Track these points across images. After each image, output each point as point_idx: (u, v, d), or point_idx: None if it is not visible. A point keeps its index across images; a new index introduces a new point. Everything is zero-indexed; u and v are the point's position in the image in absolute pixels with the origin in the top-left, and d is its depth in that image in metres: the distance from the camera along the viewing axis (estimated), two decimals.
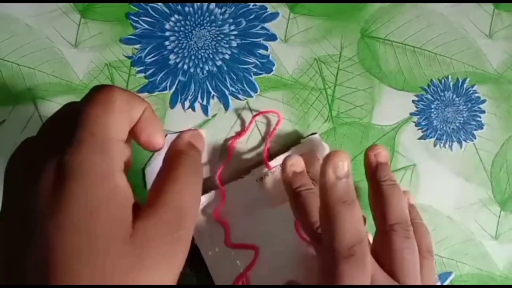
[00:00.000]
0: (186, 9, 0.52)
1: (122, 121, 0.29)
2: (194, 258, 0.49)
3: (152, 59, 0.52)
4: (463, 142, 0.53)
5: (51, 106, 0.51)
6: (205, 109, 0.52)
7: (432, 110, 0.52)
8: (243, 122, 0.52)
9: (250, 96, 0.52)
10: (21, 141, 0.51)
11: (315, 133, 0.51)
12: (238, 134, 0.51)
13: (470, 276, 0.51)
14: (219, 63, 0.52)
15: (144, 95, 0.52)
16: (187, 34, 0.52)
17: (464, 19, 0.53)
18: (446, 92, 0.53)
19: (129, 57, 0.52)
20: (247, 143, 0.52)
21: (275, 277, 0.49)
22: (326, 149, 0.51)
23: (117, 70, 0.52)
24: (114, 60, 0.52)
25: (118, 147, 0.29)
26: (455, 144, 0.53)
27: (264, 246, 0.49)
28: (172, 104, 0.52)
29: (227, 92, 0.52)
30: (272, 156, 0.50)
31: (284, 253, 0.49)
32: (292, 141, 0.51)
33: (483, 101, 0.53)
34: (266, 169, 0.50)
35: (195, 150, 0.33)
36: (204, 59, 0.52)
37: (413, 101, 0.53)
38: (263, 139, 0.51)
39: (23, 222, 0.26)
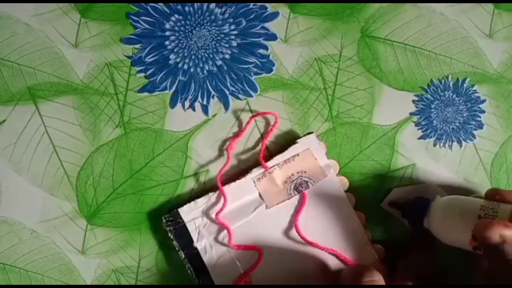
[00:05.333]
0: (186, 8, 0.52)
1: None
2: (195, 259, 0.49)
3: (152, 58, 0.52)
4: (463, 142, 0.53)
5: (51, 106, 0.51)
6: (205, 109, 0.52)
7: (432, 110, 0.53)
8: (243, 122, 0.52)
9: (250, 96, 0.52)
10: (21, 141, 0.52)
11: (312, 133, 0.51)
12: (236, 135, 0.52)
13: None
14: (219, 62, 0.52)
15: (144, 94, 0.52)
16: (187, 34, 0.52)
17: (464, 19, 0.53)
18: (446, 92, 0.53)
19: (129, 57, 0.52)
20: (246, 143, 0.52)
21: (275, 276, 0.49)
22: (322, 148, 0.51)
23: (117, 70, 0.52)
24: (114, 60, 0.52)
25: None
26: (455, 144, 0.53)
27: (264, 246, 0.50)
28: (173, 104, 0.52)
29: (227, 92, 0.52)
30: (270, 156, 0.51)
31: (284, 252, 0.50)
32: (289, 141, 0.51)
33: (483, 101, 0.53)
34: (263, 169, 0.50)
35: None
36: (204, 59, 0.52)
37: (413, 101, 0.53)
38: (262, 139, 0.52)
39: None
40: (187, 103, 0.52)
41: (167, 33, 0.52)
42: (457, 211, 0.44)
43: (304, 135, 0.51)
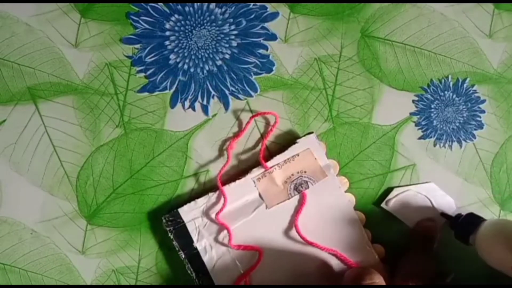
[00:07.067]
0: (186, 8, 0.52)
1: None
2: (195, 260, 0.49)
3: (152, 58, 0.52)
4: (463, 142, 0.53)
5: (51, 106, 0.51)
6: (205, 109, 0.52)
7: (432, 110, 0.52)
8: (243, 122, 0.52)
9: (250, 96, 0.52)
10: (21, 141, 0.52)
11: (312, 133, 0.51)
12: (237, 135, 0.52)
13: None
14: (219, 62, 0.52)
15: (144, 94, 0.52)
16: (187, 34, 0.52)
17: (464, 19, 0.53)
18: (446, 92, 0.53)
19: (129, 57, 0.52)
20: (246, 143, 0.52)
21: (275, 276, 0.49)
22: (322, 148, 0.51)
23: (117, 70, 0.52)
24: (114, 59, 0.52)
25: None
26: (455, 144, 0.53)
27: (264, 246, 0.50)
28: (173, 104, 0.52)
29: (227, 92, 0.52)
30: (270, 156, 0.51)
31: (284, 253, 0.50)
32: (289, 141, 0.51)
33: (483, 101, 0.53)
34: (263, 169, 0.50)
35: None
36: (204, 59, 0.52)
37: (413, 101, 0.53)
38: (262, 139, 0.52)
39: None
40: (187, 103, 0.52)
41: (167, 33, 0.52)
42: (504, 235, 0.44)
43: (304, 135, 0.51)
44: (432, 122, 0.52)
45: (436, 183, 0.52)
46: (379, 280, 0.44)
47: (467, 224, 0.48)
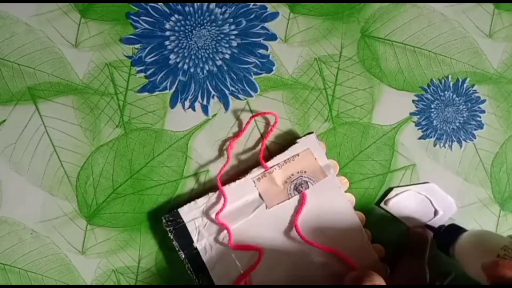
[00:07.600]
0: (186, 8, 0.52)
1: None
2: (195, 260, 0.49)
3: (152, 58, 0.52)
4: (463, 142, 0.53)
5: (51, 106, 0.51)
6: (205, 109, 0.52)
7: (432, 110, 0.53)
8: (242, 122, 0.52)
9: (250, 96, 0.52)
10: (21, 141, 0.52)
11: (312, 133, 0.51)
12: (236, 135, 0.52)
13: None
14: (219, 62, 0.52)
15: (144, 94, 0.52)
16: (187, 34, 0.52)
17: (464, 19, 0.53)
18: (446, 92, 0.53)
19: (129, 57, 0.52)
20: (246, 143, 0.52)
21: (275, 276, 0.49)
22: (322, 148, 0.51)
23: (117, 70, 0.52)
24: (114, 59, 0.52)
25: None
26: (455, 144, 0.53)
27: (264, 246, 0.50)
28: (173, 104, 0.52)
29: (227, 92, 0.52)
30: (270, 156, 0.51)
31: (284, 253, 0.50)
32: (289, 141, 0.51)
33: (483, 101, 0.53)
34: (263, 170, 0.50)
35: None
36: (204, 59, 0.52)
37: (413, 101, 0.53)
38: (262, 139, 0.52)
39: None
40: (187, 103, 0.52)
41: (167, 33, 0.52)
42: (479, 247, 0.44)
43: (304, 135, 0.51)
44: (432, 122, 0.52)
45: (436, 183, 0.52)
46: (379, 281, 0.44)
47: (447, 235, 0.48)
